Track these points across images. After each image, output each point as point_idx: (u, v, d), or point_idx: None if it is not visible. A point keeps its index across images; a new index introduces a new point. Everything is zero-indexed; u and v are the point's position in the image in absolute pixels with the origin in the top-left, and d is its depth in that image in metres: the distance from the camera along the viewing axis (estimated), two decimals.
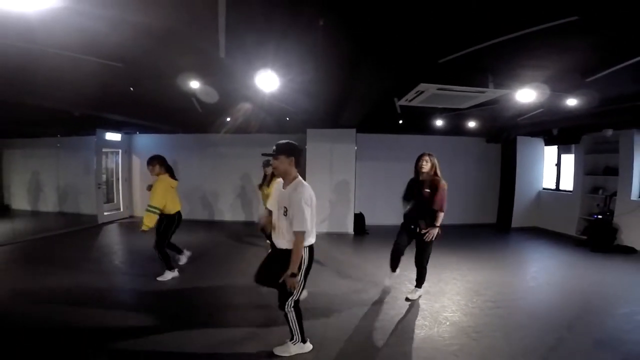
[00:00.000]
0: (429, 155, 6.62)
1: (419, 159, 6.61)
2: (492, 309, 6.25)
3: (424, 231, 6.35)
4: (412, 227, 6.51)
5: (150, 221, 7.17)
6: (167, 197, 7.50)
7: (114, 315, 5.80)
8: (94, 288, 6.89)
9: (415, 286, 6.81)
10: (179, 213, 7.82)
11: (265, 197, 8.62)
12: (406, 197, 6.70)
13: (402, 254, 6.73)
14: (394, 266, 6.90)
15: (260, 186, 9.21)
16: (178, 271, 7.71)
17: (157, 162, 7.71)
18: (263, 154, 5.11)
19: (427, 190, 6.35)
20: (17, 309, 5.99)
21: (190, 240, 10.21)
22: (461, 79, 6.25)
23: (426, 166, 6.48)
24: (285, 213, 4.50)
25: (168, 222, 7.57)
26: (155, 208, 7.25)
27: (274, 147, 4.61)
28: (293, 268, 4.38)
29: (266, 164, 8.96)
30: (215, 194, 14.71)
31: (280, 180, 4.83)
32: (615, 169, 10.87)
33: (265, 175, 9.15)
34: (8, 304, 6.19)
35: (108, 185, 14.78)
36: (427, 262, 6.63)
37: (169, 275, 7.51)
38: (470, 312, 6.14)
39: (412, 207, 6.54)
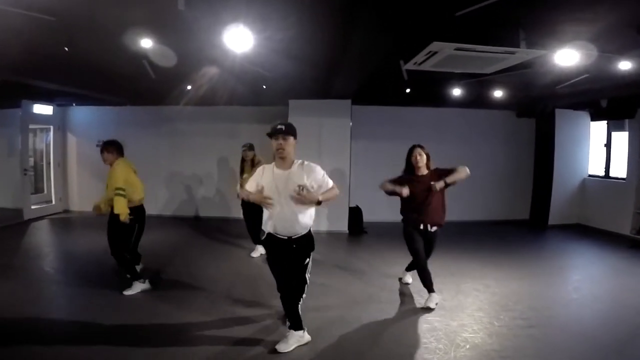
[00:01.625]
0: (420, 146, 7.24)
1: (411, 152, 7.25)
2: (523, 328, 6.24)
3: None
4: (422, 227, 7.07)
5: (123, 206, 7.13)
6: (128, 180, 7.44)
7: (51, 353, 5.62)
8: (17, 309, 6.72)
9: (429, 291, 7.05)
10: (143, 207, 7.85)
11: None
12: (409, 205, 7.18)
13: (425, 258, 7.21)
14: (431, 284, 7.10)
15: (242, 174, 9.26)
16: (149, 282, 7.66)
17: (115, 150, 7.71)
18: (274, 130, 5.07)
19: (434, 183, 6.87)
20: None
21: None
22: (485, 36, 6.23)
23: (422, 159, 7.10)
24: (302, 191, 5.17)
25: (136, 217, 7.49)
26: (122, 190, 7.21)
27: (283, 126, 5.23)
28: (325, 198, 5.35)
29: (250, 148, 9.03)
30: (173, 183, 14.69)
31: (266, 166, 5.48)
32: None
33: (243, 161, 9.17)
34: None
35: (37, 172, 14.70)
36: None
37: (137, 287, 7.42)
38: (496, 332, 6.12)
39: (418, 210, 7.06)
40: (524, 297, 7.36)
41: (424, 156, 7.07)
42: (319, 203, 5.26)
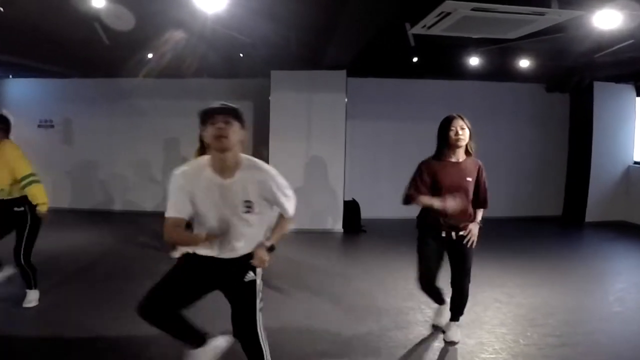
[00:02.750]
0: (461, 117, 6.08)
1: (450, 124, 6.03)
2: (555, 347, 6.22)
3: (464, 233, 6.05)
4: (444, 234, 6.08)
5: (45, 194, 7.07)
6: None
7: None
8: None
9: (452, 319, 6.47)
10: None
11: None
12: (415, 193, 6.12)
13: (436, 279, 6.36)
14: (439, 298, 6.60)
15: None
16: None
17: (5, 127, 7.68)
18: (211, 109, 4.22)
19: (469, 179, 6.08)
20: None
21: (78, 243, 10.21)
22: None
23: (464, 135, 5.99)
24: (250, 208, 4.33)
25: (36, 214, 7.20)
26: (35, 175, 7.10)
27: (225, 106, 4.29)
28: (276, 240, 4.57)
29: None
30: (129, 170, 14.71)
31: (201, 161, 4.49)
32: None
33: (202, 144, 9.19)
34: None
35: None
36: (470, 279, 6.33)
37: (35, 295, 7.31)
38: (523, 351, 6.10)
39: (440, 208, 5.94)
40: (556, 310, 7.36)
41: (467, 131, 6.00)
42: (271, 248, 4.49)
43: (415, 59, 10.86)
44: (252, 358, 4.49)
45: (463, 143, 5.97)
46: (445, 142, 6.02)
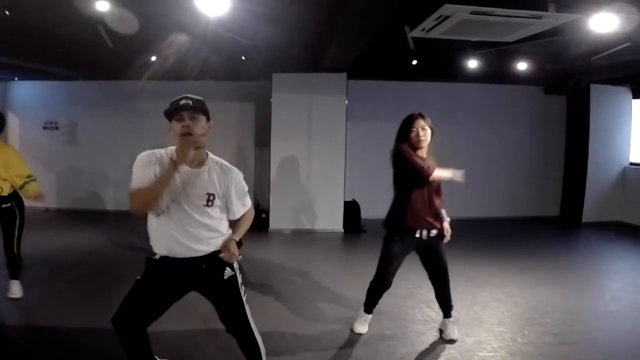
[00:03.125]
0: (422, 116, 5.99)
1: (411, 124, 5.95)
2: (552, 346, 6.22)
3: (443, 232, 6.13)
4: (418, 234, 6.06)
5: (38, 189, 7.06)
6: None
7: None
8: None
9: (445, 317, 6.52)
10: None
11: None
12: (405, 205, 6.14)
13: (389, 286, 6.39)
14: (372, 305, 6.57)
15: None
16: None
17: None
18: (176, 106, 4.32)
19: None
20: None
21: (81, 243, 10.22)
22: None
23: (425, 135, 5.90)
24: (211, 202, 4.28)
25: (23, 209, 7.30)
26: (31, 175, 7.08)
27: (190, 101, 4.26)
28: (241, 234, 4.48)
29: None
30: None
31: (161, 153, 4.55)
32: None
33: None
34: None
35: None
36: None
37: (19, 287, 7.36)
38: (520, 350, 6.11)
39: (412, 207, 6.03)
40: (554, 309, 7.36)
41: (429, 131, 5.90)
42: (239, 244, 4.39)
43: (414, 62, 10.87)
44: (248, 351, 4.50)
45: (425, 144, 5.91)
46: (405, 139, 5.96)
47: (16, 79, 14.62)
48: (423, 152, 5.93)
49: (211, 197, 4.25)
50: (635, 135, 13.85)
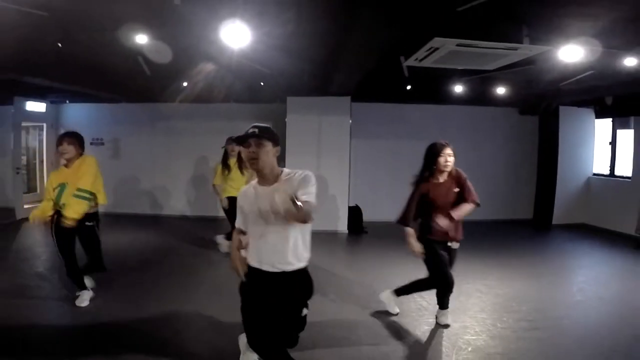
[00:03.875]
0: (449, 145, 6.16)
1: (441, 151, 6.06)
2: (527, 330, 6.24)
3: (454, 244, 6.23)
4: (448, 243, 6.18)
5: (81, 209, 6.49)
6: (98, 182, 6.84)
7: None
8: (7, 311, 6.73)
9: (442, 308, 6.51)
10: None
11: (233, 182, 9.18)
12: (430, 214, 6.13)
13: None
14: (445, 301, 6.46)
15: (225, 168, 9.30)
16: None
17: (79, 142, 6.76)
18: (244, 135, 4.15)
19: (457, 190, 6.14)
20: None
21: (127, 242, 10.19)
22: (487, 31, 6.22)
23: (451, 162, 6.08)
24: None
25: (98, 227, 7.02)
26: (87, 192, 6.56)
27: (256, 129, 4.06)
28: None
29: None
30: (168, 181, 14.70)
31: (244, 188, 4.31)
32: None
33: (226, 156, 9.24)
34: None
35: (29, 170, 14.71)
36: None
37: (87, 296, 7.00)
38: (500, 334, 6.12)
39: (438, 221, 6.06)
40: (528, 299, 7.34)
41: (453, 159, 6.08)
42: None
43: (408, 87, 10.86)
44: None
45: (449, 169, 6.05)
46: (434, 166, 6.06)
47: (67, 101, 14.66)
48: (444, 175, 6.09)
49: (293, 199, 3.81)
50: (597, 150, 13.81)
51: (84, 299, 6.89)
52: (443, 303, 6.42)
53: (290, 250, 4.01)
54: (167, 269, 8.91)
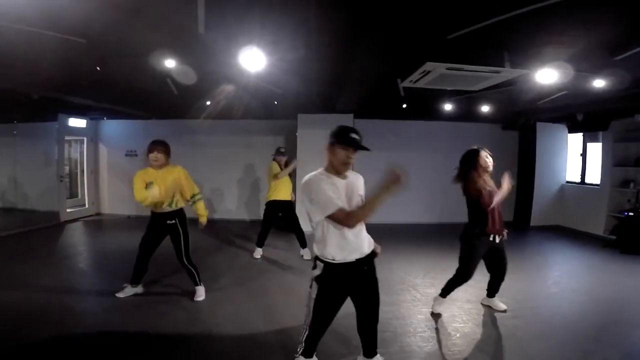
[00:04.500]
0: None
1: (477, 154, 6.17)
2: (508, 319, 6.27)
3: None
4: (492, 238, 6.07)
5: (205, 209, 7.24)
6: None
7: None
8: (50, 300, 6.78)
9: (442, 296, 6.52)
10: None
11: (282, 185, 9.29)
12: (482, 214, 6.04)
13: None
14: (449, 292, 6.48)
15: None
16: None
17: (166, 150, 7.25)
18: (352, 141, 4.34)
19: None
20: None
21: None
22: (473, 57, 6.23)
23: (491, 161, 6.16)
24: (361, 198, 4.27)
25: (185, 224, 7.04)
26: (200, 194, 7.32)
27: (358, 137, 4.31)
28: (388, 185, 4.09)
29: (281, 153, 9.45)
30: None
31: (319, 177, 4.13)
32: None
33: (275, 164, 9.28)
34: None
35: (71, 178, 14.75)
36: None
37: (202, 290, 7.01)
38: (484, 322, 6.16)
39: (486, 223, 6.00)
40: (509, 291, 7.25)
41: (491, 159, 6.12)
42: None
43: (404, 105, 10.85)
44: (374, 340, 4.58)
45: (491, 169, 6.11)
46: (473, 167, 6.08)
47: (105, 118, 14.70)
48: (487, 176, 6.11)
49: (362, 197, 4.30)
50: (570, 161, 13.82)
51: (127, 292, 6.93)
52: (446, 291, 6.42)
53: (364, 236, 4.35)
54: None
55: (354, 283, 4.20)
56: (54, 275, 7.92)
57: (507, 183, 6.07)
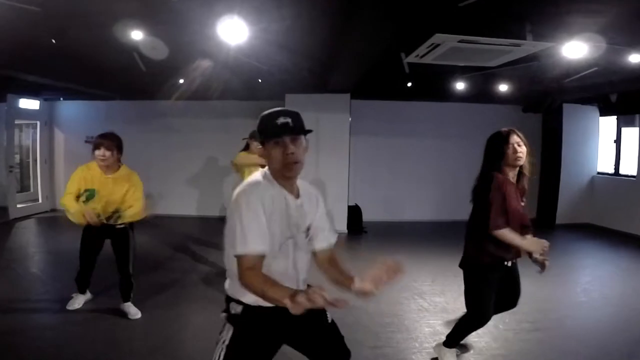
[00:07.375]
0: (517, 132, 4.88)
1: (507, 138, 4.78)
2: (529, 332, 6.25)
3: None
4: (507, 263, 5.06)
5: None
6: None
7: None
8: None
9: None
10: None
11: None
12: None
13: None
14: (461, 340, 5.42)
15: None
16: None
17: (118, 146, 6.68)
18: (279, 127, 3.01)
19: (523, 202, 5.03)
20: None
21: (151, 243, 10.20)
22: (489, 28, 6.22)
23: (523, 152, 4.78)
24: (308, 234, 3.29)
25: (134, 230, 6.91)
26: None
27: (289, 119, 3.00)
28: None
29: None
30: (163, 180, 14.52)
31: (258, 184, 3.04)
32: None
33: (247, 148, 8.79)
34: None
35: (22, 169, 14.71)
36: None
37: (134, 308, 6.67)
38: (502, 336, 6.14)
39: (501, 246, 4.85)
40: (531, 299, 7.21)
41: (524, 148, 4.78)
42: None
43: (409, 84, 10.86)
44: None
45: (522, 162, 4.80)
46: (500, 157, 4.80)
47: (61, 99, 14.66)
48: (515, 173, 4.93)
49: (308, 230, 3.26)
50: (602, 148, 13.86)
51: (79, 301, 6.77)
52: (456, 338, 5.34)
53: (305, 277, 3.33)
54: (165, 271, 8.93)
55: (287, 329, 3.18)
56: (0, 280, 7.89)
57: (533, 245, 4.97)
